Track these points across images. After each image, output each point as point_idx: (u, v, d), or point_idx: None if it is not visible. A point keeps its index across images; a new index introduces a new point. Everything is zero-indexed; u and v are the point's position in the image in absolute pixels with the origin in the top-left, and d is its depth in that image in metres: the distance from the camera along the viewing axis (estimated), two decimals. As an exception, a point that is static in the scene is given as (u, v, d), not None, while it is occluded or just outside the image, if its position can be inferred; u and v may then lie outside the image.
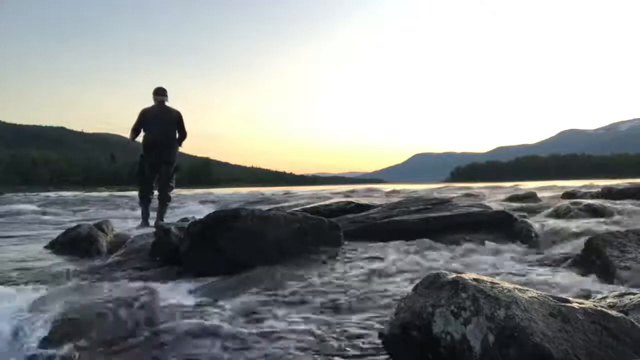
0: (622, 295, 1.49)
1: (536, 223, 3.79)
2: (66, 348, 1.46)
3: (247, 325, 1.67)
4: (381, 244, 3.32)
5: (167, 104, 6.30)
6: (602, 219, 4.19)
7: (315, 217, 3.23)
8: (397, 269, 2.53)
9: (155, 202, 6.25)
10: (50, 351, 1.44)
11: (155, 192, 6.25)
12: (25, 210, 10.10)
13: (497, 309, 1.13)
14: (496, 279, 1.32)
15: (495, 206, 5.06)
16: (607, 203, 5.08)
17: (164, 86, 6.36)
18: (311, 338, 1.54)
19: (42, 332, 1.60)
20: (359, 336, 1.54)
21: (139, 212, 6.42)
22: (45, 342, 1.53)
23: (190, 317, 1.75)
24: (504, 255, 2.95)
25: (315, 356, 1.40)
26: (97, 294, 2.01)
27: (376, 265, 2.65)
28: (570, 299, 1.26)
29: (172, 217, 6.34)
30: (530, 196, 7.81)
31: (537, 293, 1.24)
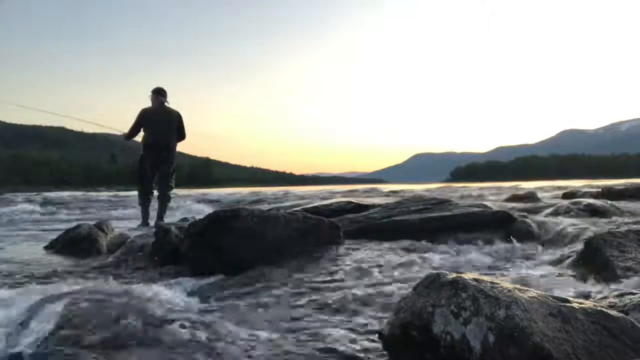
0: (622, 295, 1.49)
1: (536, 223, 3.79)
2: (66, 348, 1.46)
3: (247, 325, 1.67)
4: (381, 243, 3.32)
5: (166, 104, 6.31)
6: (602, 219, 4.18)
7: (315, 217, 3.23)
8: (396, 269, 2.53)
9: (155, 202, 6.25)
10: (51, 351, 1.44)
11: (155, 192, 6.25)
12: (26, 210, 10.10)
13: (497, 309, 1.13)
14: (496, 279, 1.32)
15: (495, 206, 5.06)
16: (607, 203, 5.07)
17: (162, 87, 6.37)
18: (311, 338, 1.54)
19: (42, 332, 1.59)
20: (359, 336, 1.54)
21: (138, 212, 6.42)
22: (45, 343, 1.53)
23: (190, 317, 1.75)
24: (504, 255, 2.95)
25: (315, 356, 1.40)
26: (96, 294, 2.01)
27: (376, 265, 2.65)
28: (570, 299, 1.26)
29: (172, 217, 6.34)
30: (530, 196, 7.80)
31: (537, 293, 1.24)
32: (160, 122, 6.16)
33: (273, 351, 1.44)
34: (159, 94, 6.26)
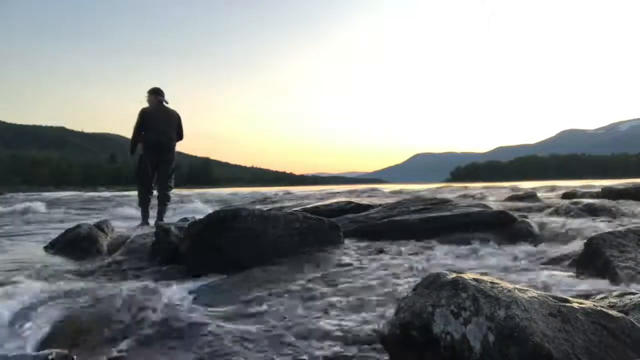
0: (622, 295, 1.49)
1: (536, 223, 3.78)
2: (66, 349, 1.46)
3: (246, 325, 1.67)
4: (381, 243, 3.32)
5: (164, 103, 6.32)
6: (602, 219, 4.18)
7: (315, 217, 3.23)
8: (396, 269, 2.53)
9: (155, 202, 6.26)
10: (51, 352, 1.44)
11: (155, 192, 6.26)
12: (25, 210, 10.10)
13: (497, 309, 1.12)
14: (496, 279, 1.32)
15: (495, 206, 5.06)
16: (607, 203, 5.07)
17: (159, 87, 6.38)
18: (310, 338, 1.54)
19: (42, 333, 1.60)
20: (359, 336, 1.54)
21: (138, 212, 6.42)
22: (45, 343, 1.53)
23: (190, 317, 1.75)
24: (504, 255, 2.94)
25: (315, 356, 1.40)
26: (96, 294, 2.01)
27: (375, 265, 2.65)
28: (570, 299, 1.26)
29: (172, 217, 6.34)
30: (530, 196, 7.80)
31: (537, 293, 1.24)
32: (161, 122, 6.16)
33: (272, 350, 1.44)
34: (157, 94, 6.27)
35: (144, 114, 6.18)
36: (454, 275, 1.29)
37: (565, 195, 8.56)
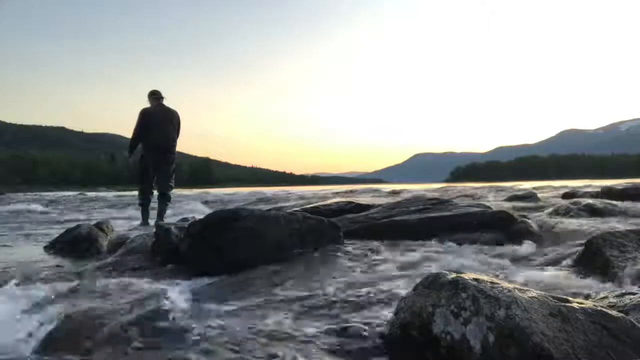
0: (622, 295, 1.49)
1: (536, 223, 3.79)
2: (66, 349, 1.46)
3: (246, 325, 1.67)
4: (381, 243, 3.32)
5: (164, 102, 6.33)
6: (602, 219, 4.18)
7: (315, 217, 3.23)
8: (396, 269, 2.53)
9: (155, 202, 6.26)
10: (51, 352, 1.44)
11: (155, 192, 6.26)
12: (25, 210, 10.11)
13: (497, 309, 1.13)
14: (496, 279, 1.32)
15: (495, 206, 5.06)
16: (607, 203, 5.07)
17: (156, 89, 6.41)
18: (310, 338, 1.54)
19: (42, 333, 1.60)
20: (359, 336, 1.54)
21: (138, 212, 6.42)
22: (45, 343, 1.53)
23: (190, 317, 1.75)
24: (504, 255, 2.95)
25: (315, 356, 1.40)
26: (96, 294, 2.01)
27: (376, 265, 2.65)
28: (570, 299, 1.26)
29: (172, 217, 6.34)
30: (530, 196, 7.81)
31: (537, 293, 1.24)
32: (163, 122, 6.17)
33: (273, 350, 1.44)
34: (158, 95, 6.29)
35: (144, 114, 6.18)
36: (453, 275, 1.29)
37: (565, 195, 8.56)
